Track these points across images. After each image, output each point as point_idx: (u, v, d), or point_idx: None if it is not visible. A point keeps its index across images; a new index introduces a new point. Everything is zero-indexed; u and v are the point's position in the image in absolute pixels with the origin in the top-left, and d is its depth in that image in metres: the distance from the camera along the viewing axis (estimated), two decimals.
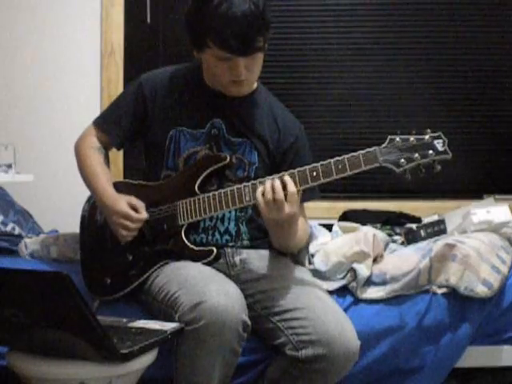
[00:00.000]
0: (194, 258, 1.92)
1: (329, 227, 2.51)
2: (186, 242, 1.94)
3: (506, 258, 2.15)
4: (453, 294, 2.09)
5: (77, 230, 2.17)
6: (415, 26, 3.18)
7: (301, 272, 2.02)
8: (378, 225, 2.61)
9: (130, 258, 2.00)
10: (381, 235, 2.32)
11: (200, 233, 1.99)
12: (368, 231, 2.25)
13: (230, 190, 1.87)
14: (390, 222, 2.68)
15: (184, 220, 1.94)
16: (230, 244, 2.01)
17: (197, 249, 1.93)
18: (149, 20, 3.15)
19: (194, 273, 1.83)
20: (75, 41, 3.10)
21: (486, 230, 2.29)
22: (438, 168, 1.74)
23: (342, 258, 2.13)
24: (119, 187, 2.03)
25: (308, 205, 2.06)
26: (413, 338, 2.06)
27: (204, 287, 1.72)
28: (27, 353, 1.63)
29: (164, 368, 1.81)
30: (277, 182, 1.77)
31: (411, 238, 2.36)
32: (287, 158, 2.05)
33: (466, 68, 3.20)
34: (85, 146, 2.09)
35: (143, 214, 1.95)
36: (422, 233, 2.37)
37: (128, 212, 1.93)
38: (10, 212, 2.56)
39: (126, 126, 2.06)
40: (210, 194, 1.91)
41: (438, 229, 2.37)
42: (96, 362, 1.57)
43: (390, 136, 1.75)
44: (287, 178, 1.78)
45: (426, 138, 1.74)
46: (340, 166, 1.76)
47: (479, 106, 3.21)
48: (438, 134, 1.75)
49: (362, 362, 1.97)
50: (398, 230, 2.56)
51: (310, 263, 2.17)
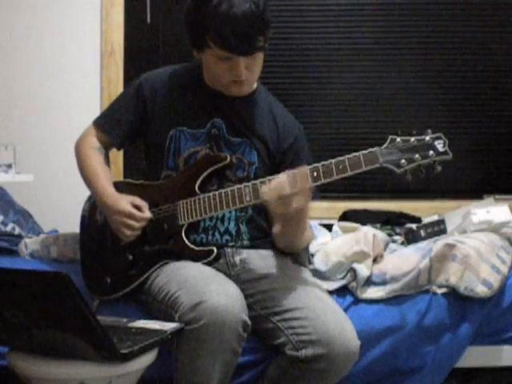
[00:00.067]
0: (194, 257, 1.92)
1: (329, 227, 2.52)
2: (186, 241, 1.94)
3: (506, 258, 2.16)
4: (453, 294, 2.09)
5: (77, 229, 2.17)
6: (415, 26, 3.19)
7: (301, 272, 2.02)
8: (378, 225, 2.61)
9: (130, 257, 1.99)
10: (381, 235, 2.32)
11: (200, 233, 1.99)
12: (368, 231, 2.25)
13: (231, 190, 1.87)
14: (390, 222, 2.68)
15: (184, 220, 1.94)
16: (230, 244, 2.01)
17: (197, 249, 1.93)
18: (149, 20, 3.15)
19: (194, 273, 1.82)
20: (75, 41, 3.10)
21: (485, 229, 2.29)
22: (439, 169, 1.74)
23: (342, 258, 2.13)
24: (119, 187, 2.03)
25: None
26: (413, 338, 2.06)
27: (204, 287, 1.72)
28: (27, 353, 1.63)
29: (164, 368, 1.82)
30: (284, 176, 1.75)
31: (411, 238, 2.37)
32: (287, 158, 2.05)
33: (466, 68, 3.20)
34: (85, 145, 2.09)
35: (147, 213, 1.95)
36: (422, 233, 2.37)
37: (132, 211, 1.93)
38: (9, 212, 2.56)
39: (126, 125, 2.07)
40: (211, 194, 1.91)
41: (438, 229, 2.37)
42: (96, 362, 1.57)
43: (390, 136, 1.75)
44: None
45: (427, 138, 1.74)
46: (341, 167, 1.76)
47: (479, 106, 3.21)
48: (438, 135, 1.75)
49: (362, 362, 1.97)
50: (398, 230, 2.56)
51: (309, 263, 2.17)
